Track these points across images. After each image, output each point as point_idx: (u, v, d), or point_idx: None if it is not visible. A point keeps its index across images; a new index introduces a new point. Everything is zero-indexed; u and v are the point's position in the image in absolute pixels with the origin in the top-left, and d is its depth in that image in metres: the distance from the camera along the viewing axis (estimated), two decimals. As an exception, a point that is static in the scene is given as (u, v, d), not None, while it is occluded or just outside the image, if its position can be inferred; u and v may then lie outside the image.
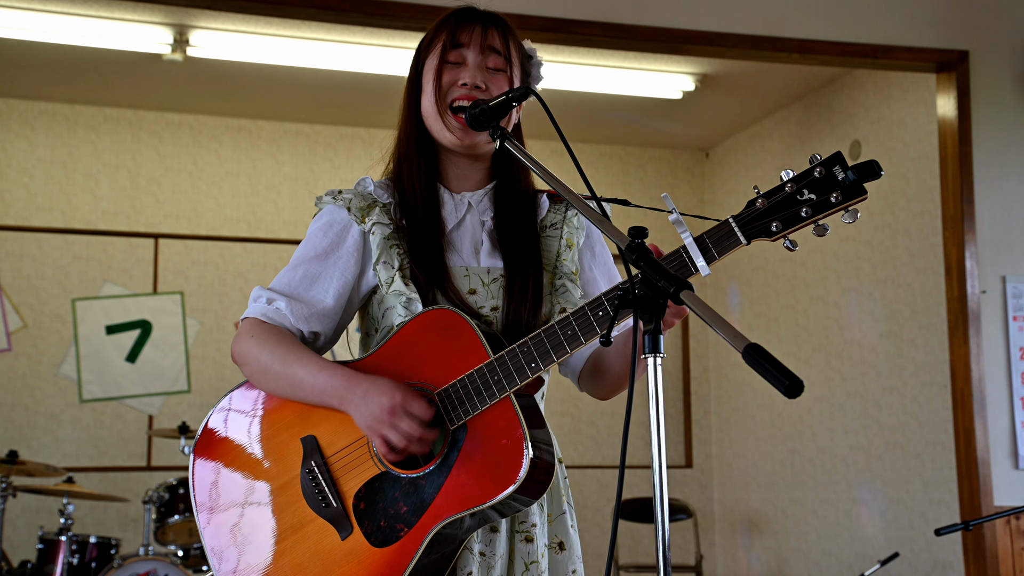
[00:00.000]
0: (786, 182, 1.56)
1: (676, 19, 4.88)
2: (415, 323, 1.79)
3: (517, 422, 1.70)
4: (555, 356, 1.70)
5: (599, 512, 7.27)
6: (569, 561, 1.89)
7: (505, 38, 1.93)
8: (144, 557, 4.93)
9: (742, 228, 1.58)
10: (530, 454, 1.67)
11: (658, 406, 1.42)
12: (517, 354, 1.71)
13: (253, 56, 5.91)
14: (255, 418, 1.90)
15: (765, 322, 7.02)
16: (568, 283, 1.93)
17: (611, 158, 7.64)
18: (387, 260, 1.86)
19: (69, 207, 6.70)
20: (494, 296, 1.88)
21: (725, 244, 1.59)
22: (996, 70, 5.19)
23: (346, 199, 1.92)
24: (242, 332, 1.87)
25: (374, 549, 1.75)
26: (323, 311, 1.88)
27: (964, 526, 3.05)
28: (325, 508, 1.80)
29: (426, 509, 1.72)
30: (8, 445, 6.00)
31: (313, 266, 1.89)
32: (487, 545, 1.81)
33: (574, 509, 1.95)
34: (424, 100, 1.92)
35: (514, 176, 1.98)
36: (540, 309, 1.89)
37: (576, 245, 1.97)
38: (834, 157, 1.55)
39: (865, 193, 1.53)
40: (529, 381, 1.71)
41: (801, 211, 1.55)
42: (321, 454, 1.82)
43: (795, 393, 1.25)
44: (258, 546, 1.85)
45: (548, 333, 1.71)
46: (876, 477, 6.03)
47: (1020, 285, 5.09)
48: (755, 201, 1.58)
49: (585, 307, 1.69)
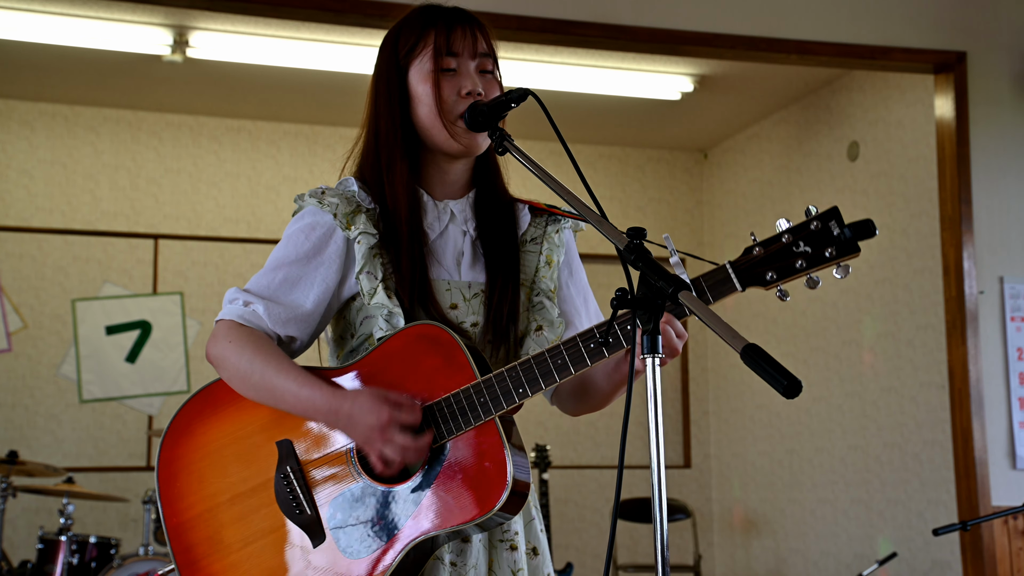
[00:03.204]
0: (783, 232, 1.60)
1: (674, 20, 4.89)
2: (401, 336, 1.77)
3: (501, 445, 1.70)
4: (543, 384, 1.70)
5: (598, 512, 7.28)
6: (544, 564, 1.90)
7: (488, 39, 1.92)
8: (144, 557, 4.93)
9: (738, 275, 1.62)
10: (512, 476, 1.68)
11: (657, 406, 1.43)
12: (505, 379, 1.71)
13: (252, 57, 5.92)
14: (229, 415, 1.86)
15: (763, 322, 7.03)
16: (546, 300, 1.92)
17: (609, 159, 7.64)
18: (371, 270, 1.83)
19: (69, 208, 6.70)
20: (475, 311, 1.87)
21: (720, 289, 1.63)
22: (994, 71, 5.20)
23: (331, 203, 1.86)
24: (218, 334, 1.83)
25: (345, 559, 1.75)
26: (301, 316, 1.84)
27: (962, 526, 3.06)
28: (299, 515, 1.78)
29: (402, 524, 1.72)
30: (8, 445, 6.00)
31: (294, 269, 1.85)
32: (458, 555, 1.81)
33: (540, 512, 1.95)
34: (421, 110, 1.87)
35: (494, 182, 1.97)
36: (518, 324, 1.89)
37: (555, 263, 1.95)
38: (830, 212, 1.58)
39: (859, 250, 1.56)
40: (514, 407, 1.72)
41: (796, 263, 1.59)
42: (297, 460, 1.80)
43: (793, 393, 1.26)
44: (225, 546, 1.82)
45: (538, 361, 1.71)
46: (874, 477, 6.04)
47: (1018, 285, 5.10)
48: (752, 249, 1.62)
49: (577, 338, 1.70)
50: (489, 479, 1.69)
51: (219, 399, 1.88)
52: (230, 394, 1.86)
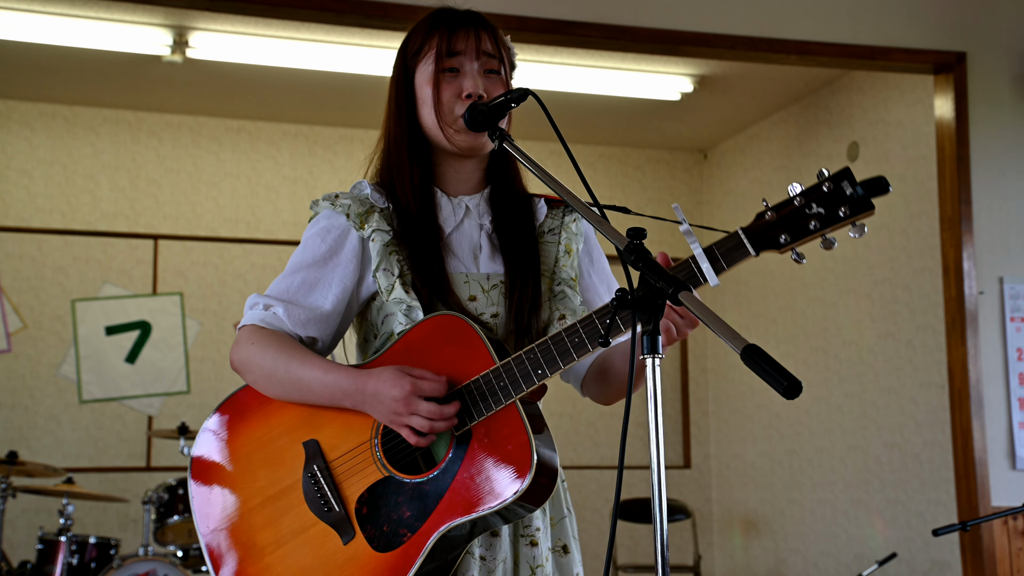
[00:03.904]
0: (795, 196, 1.58)
1: (674, 20, 4.89)
2: (421, 328, 1.79)
3: (523, 427, 1.70)
4: (561, 363, 1.70)
5: (598, 512, 7.28)
6: (573, 564, 1.90)
7: (495, 39, 1.92)
8: (144, 557, 4.93)
9: (751, 239, 1.60)
10: (536, 458, 1.68)
11: (657, 407, 1.42)
12: (524, 361, 1.71)
13: (252, 58, 5.92)
14: (256, 421, 1.89)
15: (763, 323, 7.03)
16: (567, 289, 1.93)
17: (609, 159, 7.65)
18: (387, 267, 1.85)
19: (69, 208, 6.70)
20: (494, 303, 1.88)
21: (734, 255, 1.61)
22: (993, 72, 5.20)
23: (344, 204, 1.90)
24: (241, 339, 1.86)
25: (376, 554, 1.75)
26: (321, 316, 1.87)
27: (962, 526, 3.06)
28: (327, 512, 1.80)
29: (429, 514, 1.72)
30: (8, 446, 6.00)
31: (312, 272, 1.88)
32: (487, 549, 1.81)
33: (574, 514, 1.95)
34: (424, 110, 1.89)
35: (509, 179, 1.98)
36: (540, 315, 1.89)
37: (575, 251, 1.97)
38: (842, 172, 1.56)
39: (873, 208, 1.54)
40: (534, 388, 1.72)
41: (809, 224, 1.56)
42: (323, 458, 1.82)
43: (793, 394, 1.26)
44: (259, 549, 1.84)
45: (555, 340, 1.70)
46: (874, 478, 6.04)
47: (1017, 286, 5.10)
48: (764, 214, 1.60)
49: (592, 315, 1.69)
50: (513, 461, 1.69)
51: (245, 406, 1.90)
52: (255, 400, 1.89)
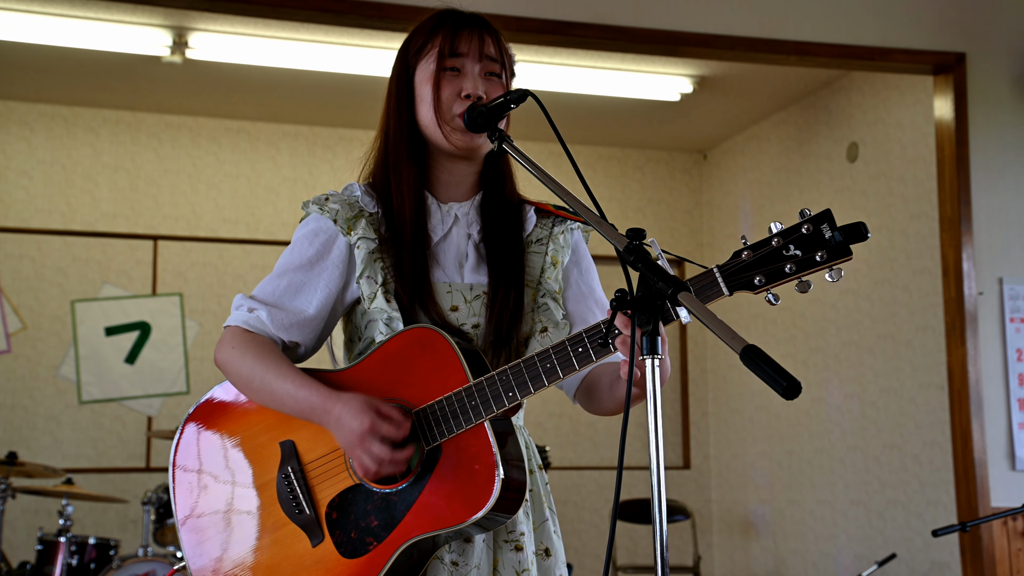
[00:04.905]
0: (773, 236, 1.55)
1: (673, 21, 4.89)
2: (399, 339, 1.80)
3: (491, 449, 1.71)
4: (532, 387, 1.70)
5: (597, 513, 7.28)
6: (555, 566, 1.90)
7: (498, 44, 1.93)
8: (143, 558, 4.93)
9: (726, 279, 1.58)
10: (501, 477, 1.69)
11: (656, 407, 1.43)
12: (496, 382, 1.72)
13: (252, 58, 5.92)
14: (236, 417, 1.91)
15: (762, 323, 7.03)
16: (551, 301, 1.93)
17: (609, 160, 7.65)
18: (370, 275, 1.86)
19: (68, 209, 6.70)
20: (476, 313, 1.88)
21: (707, 294, 1.59)
22: (993, 72, 5.20)
23: (332, 209, 1.90)
24: (224, 341, 1.88)
25: (343, 559, 1.77)
26: (304, 321, 1.88)
27: (961, 527, 3.06)
28: (298, 514, 1.82)
29: (396, 525, 1.74)
30: (7, 446, 6.00)
31: (298, 276, 1.89)
32: (460, 555, 1.82)
33: (555, 515, 1.95)
34: (422, 109, 1.89)
35: (502, 185, 1.98)
36: (520, 327, 1.89)
37: (560, 263, 1.96)
38: (823, 215, 1.53)
39: (850, 254, 1.51)
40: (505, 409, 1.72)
41: (785, 267, 1.54)
42: (299, 460, 1.83)
43: (793, 394, 1.26)
44: (232, 544, 1.86)
45: (527, 364, 1.71)
46: (873, 478, 6.04)
47: (1017, 287, 5.10)
48: (741, 252, 1.58)
49: (565, 342, 1.69)
50: (479, 482, 1.71)
51: (228, 401, 1.92)
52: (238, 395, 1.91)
